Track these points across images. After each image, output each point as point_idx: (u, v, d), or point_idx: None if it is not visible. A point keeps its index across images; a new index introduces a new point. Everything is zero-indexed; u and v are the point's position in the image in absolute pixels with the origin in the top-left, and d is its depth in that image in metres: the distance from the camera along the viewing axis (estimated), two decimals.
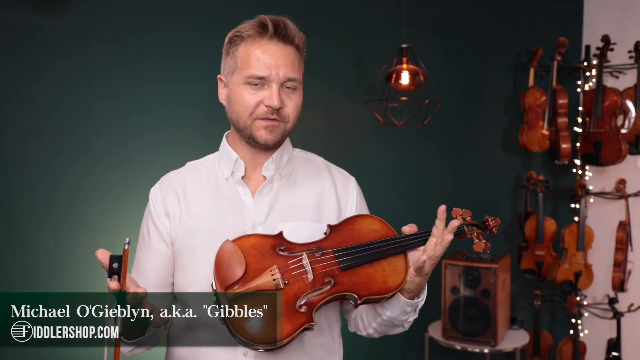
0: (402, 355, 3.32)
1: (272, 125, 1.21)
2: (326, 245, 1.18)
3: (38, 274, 2.42)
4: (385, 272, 1.17)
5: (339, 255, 1.16)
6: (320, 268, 1.14)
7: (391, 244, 1.19)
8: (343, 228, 1.21)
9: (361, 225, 1.22)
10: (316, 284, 1.13)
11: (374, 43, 3.10)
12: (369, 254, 1.17)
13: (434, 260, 1.15)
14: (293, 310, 1.10)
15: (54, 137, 2.44)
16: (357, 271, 1.16)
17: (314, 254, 1.15)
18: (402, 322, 1.27)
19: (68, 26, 2.43)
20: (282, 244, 1.17)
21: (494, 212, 3.84)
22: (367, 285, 1.15)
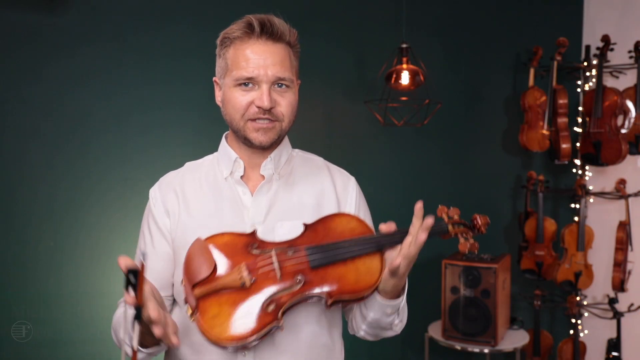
0: (402, 355, 3.32)
1: (266, 128, 1.21)
2: (299, 243, 1.14)
3: (38, 274, 2.42)
4: (358, 272, 1.12)
5: (310, 253, 1.12)
6: (290, 266, 1.11)
7: (366, 242, 1.14)
8: (319, 226, 1.17)
9: (337, 224, 1.17)
10: (285, 282, 1.09)
11: (374, 43, 3.10)
12: (341, 253, 1.12)
13: (408, 260, 1.11)
14: (260, 308, 1.07)
15: (54, 137, 2.44)
16: (329, 270, 1.11)
17: (286, 252, 1.12)
18: (388, 324, 1.25)
19: (68, 26, 2.43)
20: (254, 242, 1.13)
21: (494, 212, 3.86)
22: (338, 285, 1.10)
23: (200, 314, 1.06)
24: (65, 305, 2.46)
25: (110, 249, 2.50)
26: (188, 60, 2.63)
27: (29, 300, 2.41)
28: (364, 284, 1.12)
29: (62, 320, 2.46)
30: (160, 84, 2.61)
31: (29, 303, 2.41)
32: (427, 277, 3.22)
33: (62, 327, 2.45)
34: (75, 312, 2.48)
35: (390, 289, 1.16)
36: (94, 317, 2.50)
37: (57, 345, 2.45)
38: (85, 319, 2.49)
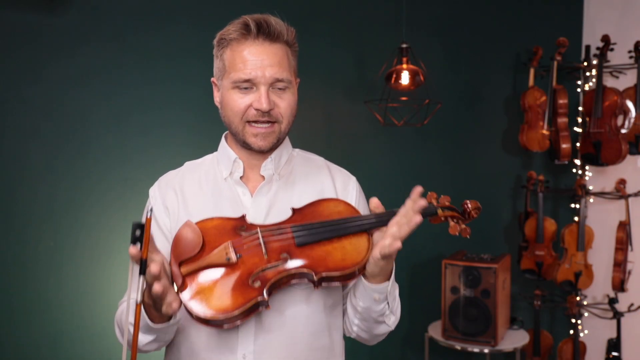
0: (402, 355, 3.32)
1: (265, 132, 1.20)
2: (286, 224, 1.16)
3: (38, 274, 2.42)
4: (345, 250, 1.13)
5: (296, 231, 1.13)
6: (276, 244, 1.12)
7: (352, 222, 1.15)
8: (306, 210, 1.19)
9: (325, 207, 1.19)
10: (271, 260, 1.10)
11: (374, 43, 3.10)
12: (327, 231, 1.13)
13: (398, 240, 1.10)
14: (245, 285, 1.08)
15: (54, 137, 2.44)
16: (315, 247, 1.12)
17: (272, 232, 1.14)
18: (379, 315, 1.22)
19: (68, 26, 2.43)
20: (243, 225, 1.15)
21: (494, 212, 3.86)
22: (324, 262, 1.11)
23: (186, 289, 1.07)
24: (65, 305, 2.46)
25: (110, 249, 2.50)
26: (188, 61, 2.63)
27: (29, 300, 2.41)
28: (351, 261, 1.12)
29: (62, 320, 2.46)
30: (160, 84, 2.61)
31: (29, 303, 2.41)
32: (427, 277, 3.22)
33: (62, 327, 2.45)
34: (75, 312, 2.48)
35: (377, 271, 1.15)
36: (94, 317, 2.50)
37: (57, 345, 2.45)
38: (85, 319, 2.49)
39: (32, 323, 2.41)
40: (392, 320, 1.26)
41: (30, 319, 2.41)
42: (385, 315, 1.23)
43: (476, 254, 3.07)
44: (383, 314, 1.22)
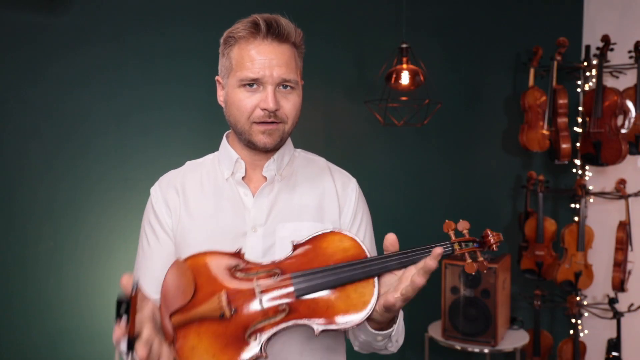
0: (402, 355, 3.32)
1: (271, 129, 1.19)
2: (286, 267, 1.05)
3: (38, 274, 2.42)
4: (349, 300, 1.02)
5: (297, 281, 1.02)
6: (274, 293, 1.02)
7: (359, 267, 1.04)
8: (308, 246, 1.07)
9: (329, 243, 1.07)
10: (268, 313, 1.01)
11: (374, 43, 3.11)
12: (330, 280, 1.03)
13: (404, 298, 1.01)
14: (241, 340, 0.99)
15: (54, 137, 2.44)
16: (316, 298, 1.02)
17: (270, 277, 1.03)
18: (381, 347, 1.18)
19: (68, 26, 2.43)
20: (239, 264, 1.04)
21: (494, 212, 3.86)
22: (326, 314, 1.01)
23: (178, 344, 0.98)
24: (65, 305, 2.46)
25: (110, 249, 2.50)
26: (188, 61, 2.63)
27: (29, 300, 2.41)
28: (355, 312, 1.02)
29: (62, 320, 2.46)
30: (160, 84, 2.61)
31: (29, 303, 2.41)
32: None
33: (62, 327, 2.45)
34: (75, 312, 2.48)
35: (383, 319, 1.07)
36: (94, 317, 2.50)
37: (57, 344, 2.45)
38: (85, 319, 2.49)
39: (32, 323, 2.41)
40: (395, 347, 1.21)
41: (30, 319, 2.41)
42: (388, 347, 1.19)
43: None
44: (385, 347, 1.19)
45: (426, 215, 3.29)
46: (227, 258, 1.06)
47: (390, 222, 3.45)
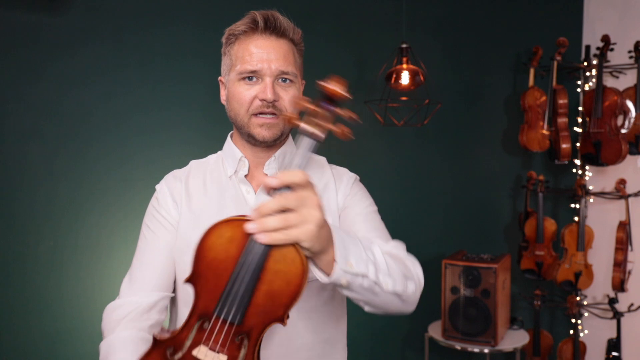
0: (402, 355, 3.32)
1: (269, 123, 1.20)
2: (202, 308, 0.93)
3: (38, 274, 2.41)
4: (280, 274, 0.90)
5: (224, 315, 0.91)
6: (223, 343, 0.92)
7: (255, 250, 0.89)
8: (201, 267, 0.93)
9: (212, 248, 0.92)
10: (235, 355, 0.92)
11: (374, 43, 3.10)
12: (247, 284, 0.90)
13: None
14: None
15: (54, 137, 2.44)
16: (256, 303, 0.91)
17: (204, 330, 0.93)
18: (369, 290, 1.02)
19: (68, 26, 2.43)
20: (168, 346, 0.95)
21: (494, 212, 3.85)
22: (276, 304, 0.91)
23: None
24: (65, 305, 2.46)
25: (110, 249, 2.50)
26: (188, 61, 2.63)
27: (29, 300, 2.40)
28: (295, 279, 0.90)
29: (62, 320, 2.46)
30: (161, 84, 2.61)
31: (29, 303, 2.41)
32: (427, 277, 3.21)
33: (62, 327, 2.45)
34: (75, 312, 2.48)
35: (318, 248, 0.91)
36: (94, 317, 2.50)
37: (56, 344, 2.45)
38: (85, 319, 2.49)
39: (32, 323, 2.41)
40: (391, 284, 1.05)
41: (30, 319, 2.41)
42: (375, 288, 1.02)
43: (476, 254, 3.07)
44: (371, 289, 1.02)
45: (426, 215, 3.29)
46: (153, 352, 0.97)
47: (390, 222, 3.44)
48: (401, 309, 1.15)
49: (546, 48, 3.22)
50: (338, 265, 0.94)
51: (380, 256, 1.04)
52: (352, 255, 0.97)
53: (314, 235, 0.86)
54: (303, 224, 0.85)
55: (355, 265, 0.97)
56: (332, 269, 0.94)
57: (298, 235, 0.85)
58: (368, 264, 0.99)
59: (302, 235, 0.85)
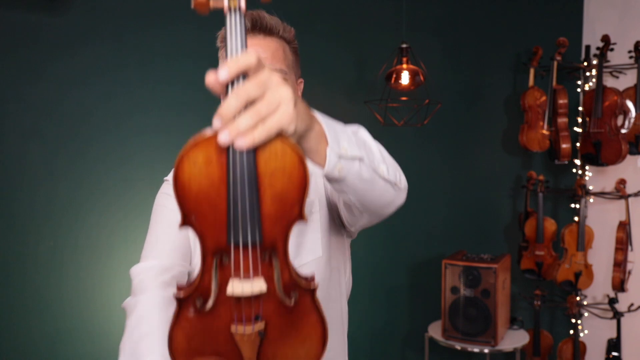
0: (402, 355, 3.32)
1: None
2: (213, 244, 0.81)
3: (38, 274, 2.41)
4: (278, 173, 0.78)
5: (242, 240, 0.79)
6: (253, 268, 0.81)
7: (240, 160, 0.76)
8: (190, 205, 0.79)
9: (192, 179, 0.78)
10: (270, 274, 0.82)
11: (374, 43, 3.10)
12: (250, 198, 0.78)
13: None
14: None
15: (54, 137, 2.44)
16: (268, 213, 0.79)
17: (225, 266, 0.81)
18: (368, 177, 0.94)
19: (68, 26, 2.43)
20: (194, 299, 0.82)
21: (494, 212, 3.85)
22: (288, 204, 0.79)
23: None
24: (65, 305, 2.46)
25: (110, 249, 2.50)
26: (188, 61, 2.63)
27: (29, 299, 2.40)
28: (295, 170, 0.78)
29: (62, 319, 2.46)
30: (161, 85, 2.61)
31: (29, 303, 2.41)
32: (427, 277, 3.22)
33: (62, 327, 2.45)
34: (75, 312, 2.48)
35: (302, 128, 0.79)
36: (94, 317, 2.50)
37: (56, 344, 2.45)
38: (85, 319, 2.49)
39: (31, 323, 2.41)
40: (384, 169, 0.98)
41: (30, 319, 2.41)
42: (372, 175, 0.95)
43: (476, 254, 3.07)
44: (369, 180, 0.95)
45: (426, 215, 3.29)
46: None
47: (390, 222, 3.45)
48: (394, 199, 1.06)
49: (546, 48, 3.22)
50: (331, 150, 0.84)
51: (370, 139, 0.97)
52: (343, 139, 0.88)
53: (292, 115, 0.74)
54: (277, 108, 0.73)
55: (349, 148, 0.88)
56: (324, 159, 0.84)
57: (278, 122, 0.73)
58: (360, 147, 0.91)
59: (281, 120, 0.73)
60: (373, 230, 1.43)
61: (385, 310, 3.25)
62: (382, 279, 3.22)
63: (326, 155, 0.84)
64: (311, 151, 0.83)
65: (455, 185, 3.37)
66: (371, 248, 3.10)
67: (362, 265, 3.05)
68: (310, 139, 0.82)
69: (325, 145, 0.84)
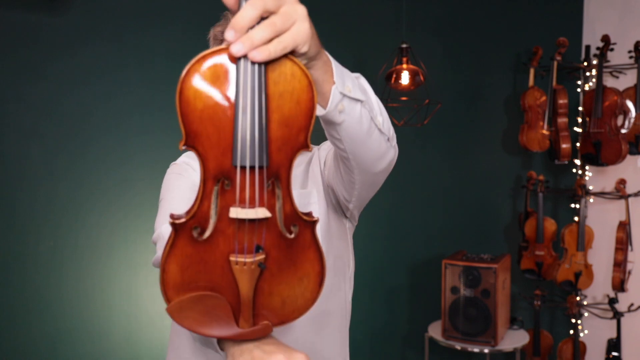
0: (402, 355, 3.32)
1: None
2: (215, 167, 0.76)
3: (38, 274, 2.42)
4: (286, 95, 0.74)
5: (249, 162, 0.74)
6: (259, 195, 0.77)
7: (250, 78, 0.72)
8: (194, 124, 0.75)
9: (198, 96, 0.75)
10: (272, 203, 0.79)
11: (374, 43, 3.10)
12: (258, 118, 0.73)
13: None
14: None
15: (54, 137, 2.44)
16: (275, 137, 0.76)
17: (227, 191, 0.76)
18: (365, 127, 0.93)
19: (68, 26, 2.43)
20: (191, 227, 0.77)
21: (494, 212, 3.85)
22: (294, 130, 0.76)
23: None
24: (65, 305, 2.46)
25: (110, 249, 2.50)
26: (188, 61, 2.62)
27: (29, 299, 2.40)
28: (304, 94, 0.75)
29: (62, 319, 2.46)
30: (161, 84, 2.61)
31: (29, 303, 2.41)
32: (427, 277, 3.22)
33: (62, 327, 2.45)
34: (75, 312, 2.48)
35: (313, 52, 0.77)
36: (94, 317, 2.50)
37: (57, 344, 2.45)
38: (85, 319, 2.49)
39: (32, 323, 2.41)
40: (381, 121, 0.97)
41: (30, 319, 2.41)
42: (370, 125, 0.94)
43: (476, 254, 3.07)
44: (367, 130, 0.93)
45: (426, 215, 3.29)
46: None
47: (390, 222, 3.45)
48: (387, 152, 1.04)
49: (546, 48, 3.22)
50: (335, 87, 0.82)
51: (369, 89, 0.95)
52: (348, 78, 0.86)
53: (308, 34, 0.71)
54: (293, 23, 0.70)
55: (352, 89, 0.86)
56: (327, 96, 0.83)
57: (294, 38, 0.70)
58: (362, 92, 0.89)
59: (297, 36, 0.70)
60: (373, 230, 1.43)
61: (385, 310, 3.25)
62: (382, 279, 3.22)
63: (330, 91, 0.83)
64: (317, 82, 0.80)
65: (455, 185, 3.37)
66: (371, 248, 3.10)
67: (362, 265, 3.05)
68: (317, 67, 0.80)
69: (330, 79, 0.82)
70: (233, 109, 0.74)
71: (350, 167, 1.08)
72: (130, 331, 2.56)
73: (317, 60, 0.79)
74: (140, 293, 2.55)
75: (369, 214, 1.69)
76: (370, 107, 0.92)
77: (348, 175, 1.13)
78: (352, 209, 1.31)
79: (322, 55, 0.80)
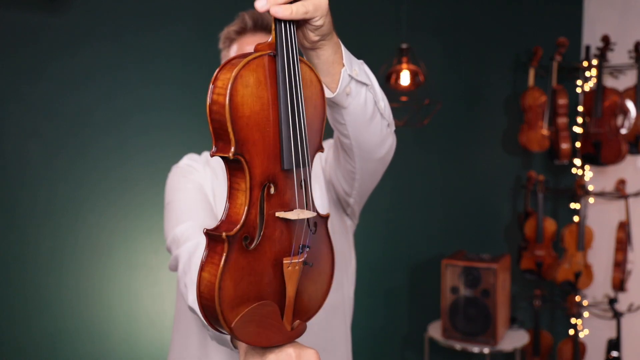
0: (402, 355, 3.32)
1: None
2: (263, 173, 0.76)
3: (38, 274, 2.42)
4: (308, 101, 0.80)
5: (296, 164, 0.78)
6: (306, 198, 0.81)
7: (290, 83, 0.76)
8: (242, 132, 0.74)
9: (244, 103, 0.74)
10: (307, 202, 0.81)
11: (374, 43, 3.10)
12: (300, 120, 0.77)
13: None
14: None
15: (54, 137, 2.44)
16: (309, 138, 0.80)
17: (272, 196, 0.77)
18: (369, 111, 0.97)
19: (68, 26, 2.43)
20: (241, 237, 0.75)
21: (494, 212, 3.85)
22: (313, 132, 0.82)
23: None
24: (65, 305, 2.46)
25: (110, 249, 2.50)
26: (188, 61, 2.63)
27: (29, 299, 2.40)
28: (319, 99, 0.82)
29: (62, 320, 2.46)
30: (161, 85, 2.61)
31: (29, 302, 2.41)
32: (427, 277, 3.22)
33: (62, 327, 2.45)
34: (75, 312, 2.48)
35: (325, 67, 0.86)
36: (94, 317, 2.50)
37: (57, 344, 2.45)
38: (85, 319, 2.49)
39: (32, 323, 2.41)
40: (383, 105, 1.02)
41: (30, 319, 2.41)
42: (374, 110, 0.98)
43: (476, 254, 3.07)
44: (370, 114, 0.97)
45: (426, 215, 3.29)
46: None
47: (389, 222, 3.45)
48: (387, 137, 1.07)
49: (546, 48, 3.22)
50: (345, 70, 0.88)
51: (372, 75, 1.00)
52: (355, 62, 0.94)
53: (326, 8, 0.79)
54: None
55: (359, 73, 0.92)
56: (336, 78, 0.88)
57: (315, 6, 0.76)
58: (367, 76, 0.95)
59: (318, 5, 0.77)
60: (373, 230, 1.43)
61: (385, 310, 3.25)
62: (382, 279, 3.22)
63: (340, 73, 0.88)
64: (327, 62, 0.86)
65: (455, 185, 3.37)
66: (371, 248, 3.10)
67: (361, 265, 3.04)
68: (328, 47, 0.86)
69: (340, 60, 0.89)
70: (275, 113, 0.76)
71: (352, 155, 1.10)
72: (130, 331, 2.56)
73: (329, 40, 0.85)
74: (140, 293, 2.55)
75: (368, 214, 1.69)
76: (374, 91, 0.97)
77: (348, 165, 1.15)
78: (353, 205, 1.31)
79: (333, 37, 0.87)
